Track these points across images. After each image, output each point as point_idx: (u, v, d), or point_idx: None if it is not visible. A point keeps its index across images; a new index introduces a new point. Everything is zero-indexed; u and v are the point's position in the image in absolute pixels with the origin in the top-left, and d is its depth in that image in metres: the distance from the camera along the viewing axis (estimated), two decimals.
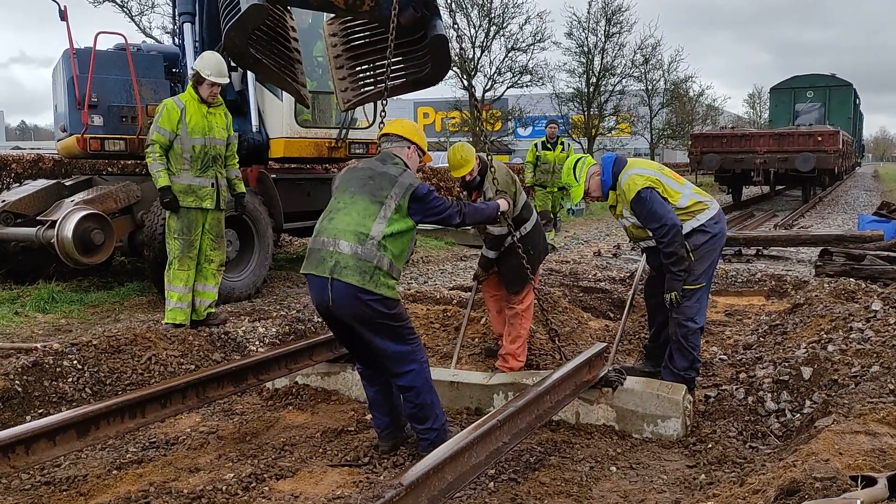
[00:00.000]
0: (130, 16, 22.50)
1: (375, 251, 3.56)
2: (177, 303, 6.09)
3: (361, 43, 5.22)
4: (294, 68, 5.32)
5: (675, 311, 4.52)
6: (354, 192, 3.72)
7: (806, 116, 27.82)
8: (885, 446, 2.87)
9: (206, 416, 4.62)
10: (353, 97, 5.30)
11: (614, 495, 3.39)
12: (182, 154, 6.00)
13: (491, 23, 29.07)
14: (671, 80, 36.47)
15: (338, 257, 3.56)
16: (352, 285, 3.51)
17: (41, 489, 3.53)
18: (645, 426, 4.07)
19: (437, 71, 4.97)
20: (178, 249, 6.08)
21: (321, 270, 3.59)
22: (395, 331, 3.64)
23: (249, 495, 3.44)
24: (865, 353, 4.25)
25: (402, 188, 3.67)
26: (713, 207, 4.59)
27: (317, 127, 8.38)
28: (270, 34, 4.90)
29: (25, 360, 4.71)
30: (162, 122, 5.93)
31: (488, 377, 4.56)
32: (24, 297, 7.26)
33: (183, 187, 6.04)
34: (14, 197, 7.64)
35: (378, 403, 3.87)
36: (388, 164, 3.79)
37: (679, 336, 4.50)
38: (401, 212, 3.65)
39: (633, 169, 4.57)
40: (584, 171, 4.70)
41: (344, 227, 3.62)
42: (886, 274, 7.86)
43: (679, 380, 4.42)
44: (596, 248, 11.84)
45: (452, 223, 3.94)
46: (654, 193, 4.44)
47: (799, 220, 16.63)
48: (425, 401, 3.68)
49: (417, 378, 3.67)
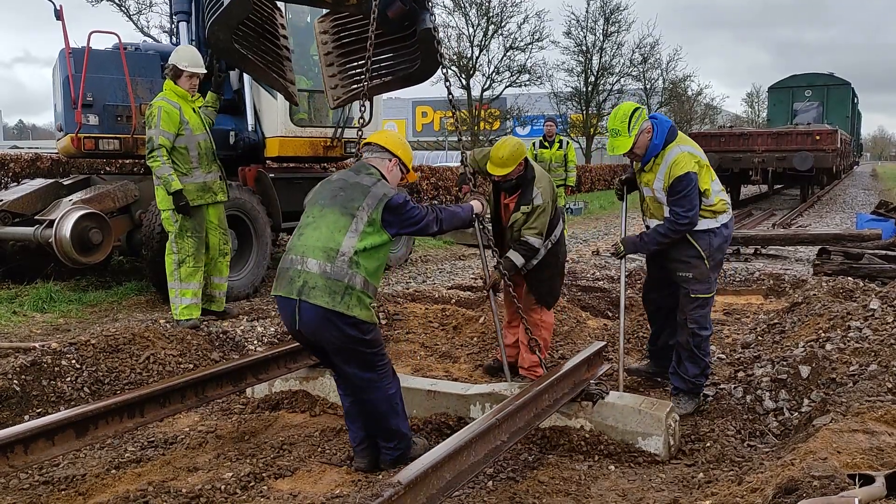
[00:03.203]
0: (128, 15, 22.48)
1: (346, 269, 3.33)
2: (192, 299, 6.17)
3: (352, 40, 5.19)
4: (282, 65, 5.30)
5: (689, 321, 4.34)
6: (324, 204, 3.49)
7: (804, 115, 27.83)
8: (882, 445, 2.88)
9: (205, 415, 4.61)
10: (342, 94, 5.27)
11: (612, 494, 3.39)
12: (189, 153, 6.06)
13: (489, 22, 29.11)
14: (669, 80, 36.58)
15: (306, 277, 3.33)
16: (320, 307, 3.29)
17: (40, 488, 3.53)
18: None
19: (428, 66, 4.91)
20: (192, 247, 6.14)
21: (288, 291, 3.37)
22: (365, 357, 3.44)
23: (248, 494, 3.44)
24: (863, 352, 4.26)
25: (374, 199, 3.43)
26: (730, 210, 4.43)
27: (312, 126, 8.37)
28: (258, 30, 4.87)
29: (24, 360, 4.70)
30: (164, 125, 5.92)
31: (467, 388, 4.34)
32: (23, 297, 7.25)
33: (198, 185, 6.13)
34: (12, 196, 7.62)
35: (353, 415, 3.65)
36: (362, 174, 3.57)
37: (692, 345, 4.36)
38: (374, 225, 3.42)
39: (686, 145, 4.27)
40: (639, 125, 4.21)
41: (312, 244, 3.39)
42: (884, 272, 7.87)
43: (690, 386, 4.37)
44: (594, 247, 11.85)
45: (430, 232, 3.69)
46: (695, 181, 4.16)
47: (797, 218, 16.65)
48: (389, 425, 3.55)
49: (382, 404, 3.51)
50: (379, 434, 3.61)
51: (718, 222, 4.30)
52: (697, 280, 4.30)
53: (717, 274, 4.42)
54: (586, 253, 11.14)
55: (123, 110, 7.64)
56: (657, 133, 4.23)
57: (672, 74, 36.72)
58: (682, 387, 4.38)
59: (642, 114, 4.28)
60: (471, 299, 7.17)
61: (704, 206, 4.27)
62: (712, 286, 4.35)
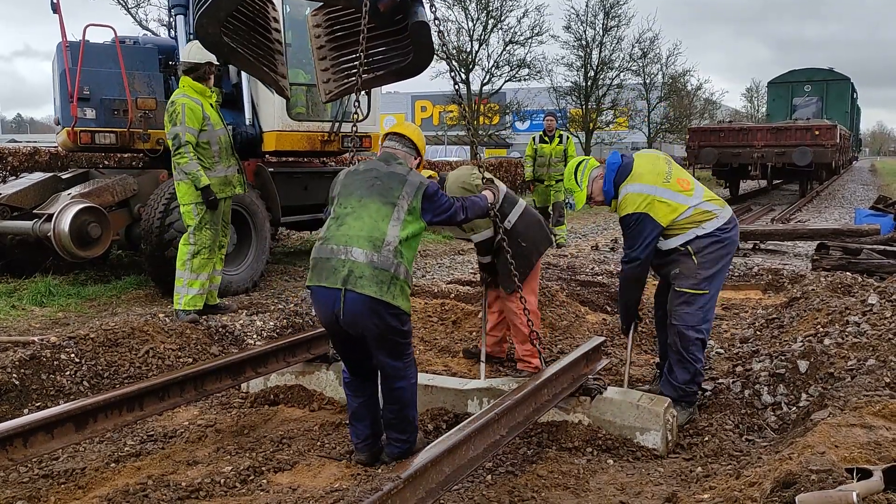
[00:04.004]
0: (126, 8, 22.43)
1: (392, 258, 3.34)
2: (199, 290, 6.24)
3: (344, 34, 5.17)
4: (274, 59, 5.28)
5: (674, 317, 4.17)
6: (362, 194, 3.47)
7: (803, 110, 27.84)
8: (880, 439, 2.88)
9: (204, 409, 4.62)
10: (335, 88, 5.26)
11: (611, 488, 3.40)
12: (211, 147, 6.19)
13: (489, 16, 29.03)
14: (669, 74, 36.48)
15: (351, 266, 3.30)
16: (369, 297, 3.27)
17: (39, 482, 3.53)
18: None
19: (420, 60, 4.89)
20: (208, 239, 6.23)
21: (332, 281, 3.32)
22: (399, 346, 3.46)
23: (247, 488, 3.45)
24: (861, 347, 4.27)
25: (412, 187, 3.48)
26: (723, 216, 4.20)
27: (309, 120, 8.35)
28: (249, 24, 4.85)
29: (23, 354, 4.70)
30: (189, 122, 6.03)
31: (464, 383, 4.35)
32: (21, 291, 7.25)
33: (220, 179, 6.26)
34: (10, 190, 7.61)
35: (360, 415, 3.66)
36: (393, 164, 3.60)
37: (679, 346, 4.14)
38: (414, 213, 3.45)
39: (634, 185, 4.20)
40: (587, 176, 4.41)
41: (356, 233, 3.37)
42: (883, 268, 7.88)
43: (680, 394, 4.13)
44: (593, 242, 11.85)
45: (457, 220, 3.77)
46: (644, 219, 4.11)
47: (796, 214, 16.65)
48: (408, 415, 3.58)
49: (406, 393, 3.54)
50: (395, 426, 3.60)
51: (704, 230, 4.13)
52: (683, 275, 4.15)
53: (713, 275, 4.12)
54: (585, 248, 11.14)
55: (120, 104, 7.62)
56: (605, 180, 4.35)
57: (672, 69, 36.62)
58: (672, 395, 4.11)
59: (588, 164, 4.49)
60: (470, 294, 7.18)
61: (678, 224, 4.13)
62: (701, 283, 4.09)
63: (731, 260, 4.33)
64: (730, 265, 4.46)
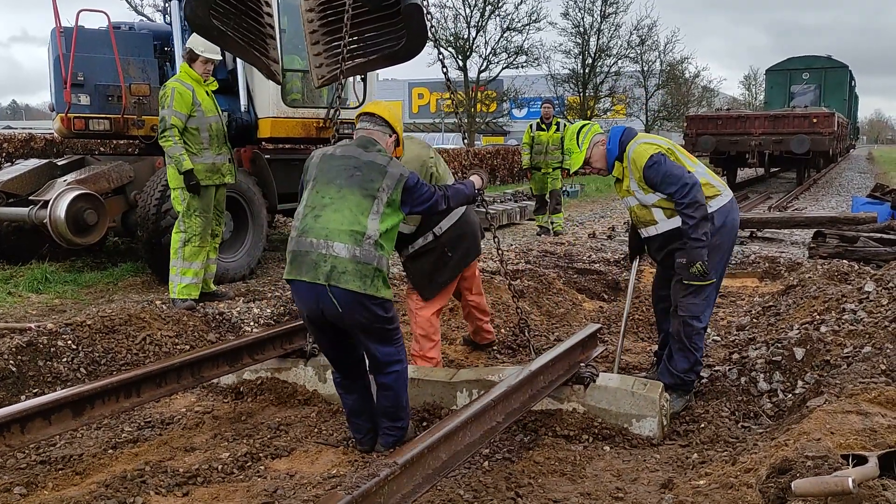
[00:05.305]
0: None
1: (374, 252, 3.33)
2: (193, 279, 6.20)
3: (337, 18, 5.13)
4: (265, 43, 5.24)
5: (681, 308, 4.13)
6: (342, 184, 3.41)
7: (801, 98, 27.77)
8: (875, 426, 2.90)
9: (202, 396, 4.62)
10: (327, 73, 5.22)
11: (607, 474, 3.41)
12: (200, 134, 6.16)
13: (486, 2, 28.84)
14: (667, 62, 36.37)
15: (334, 262, 3.28)
16: (354, 292, 3.27)
17: (37, 468, 3.54)
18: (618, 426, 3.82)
19: (414, 44, 4.85)
20: (199, 227, 6.18)
21: (313, 276, 3.29)
22: (388, 333, 3.47)
23: (245, 474, 3.46)
24: (858, 334, 4.28)
25: (393, 180, 3.42)
26: (725, 195, 4.18)
27: (305, 107, 8.30)
28: (240, 7, 4.81)
29: (20, 340, 4.70)
30: (177, 106, 6.01)
31: (451, 374, 4.27)
32: (18, 278, 7.23)
33: (207, 166, 6.21)
34: (6, 177, 7.56)
35: (358, 411, 3.67)
36: (372, 152, 3.53)
37: (682, 335, 4.12)
38: (393, 206, 3.43)
39: (643, 138, 4.21)
40: (588, 139, 4.28)
41: (336, 227, 3.32)
42: (879, 255, 7.90)
43: (678, 381, 4.14)
44: (591, 229, 11.84)
45: (439, 209, 3.72)
46: (666, 158, 4.03)
47: (793, 202, 16.66)
48: (401, 401, 3.58)
49: (399, 379, 3.55)
50: (390, 413, 3.60)
51: (710, 208, 4.05)
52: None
53: (717, 262, 4.10)
54: (583, 236, 11.14)
55: (115, 90, 7.57)
56: (610, 139, 4.25)
57: (670, 56, 36.53)
58: (670, 381, 4.12)
59: (591, 129, 4.35)
60: None
61: None
62: (709, 274, 4.05)
63: (733, 245, 4.30)
64: (732, 250, 4.40)
